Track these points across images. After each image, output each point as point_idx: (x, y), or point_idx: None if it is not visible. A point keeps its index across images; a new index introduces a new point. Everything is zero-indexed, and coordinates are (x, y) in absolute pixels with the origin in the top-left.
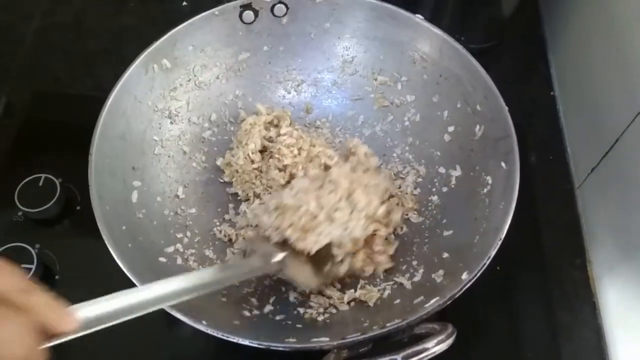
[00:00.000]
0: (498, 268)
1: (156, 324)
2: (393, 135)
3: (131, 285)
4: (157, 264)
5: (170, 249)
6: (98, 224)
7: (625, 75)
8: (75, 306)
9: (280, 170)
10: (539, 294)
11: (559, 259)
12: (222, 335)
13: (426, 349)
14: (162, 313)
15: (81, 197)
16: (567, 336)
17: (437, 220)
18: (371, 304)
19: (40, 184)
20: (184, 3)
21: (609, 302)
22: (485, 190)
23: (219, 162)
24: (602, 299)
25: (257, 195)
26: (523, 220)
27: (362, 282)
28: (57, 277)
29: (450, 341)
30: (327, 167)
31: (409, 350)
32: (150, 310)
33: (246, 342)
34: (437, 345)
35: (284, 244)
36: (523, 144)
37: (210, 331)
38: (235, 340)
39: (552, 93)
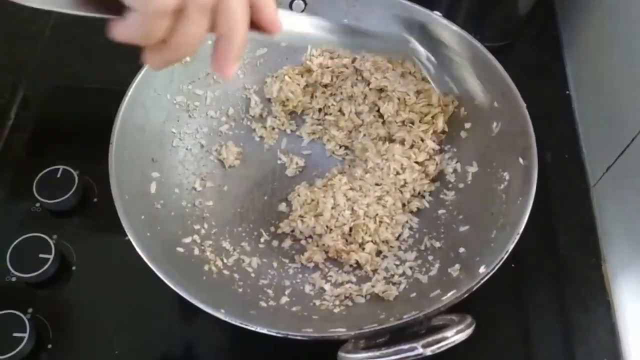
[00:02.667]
0: (512, 266)
1: (171, 315)
2: None
3: (148, 274)
4: (174, 253)
5: (188, 240)
6: (118, 212)
7: None
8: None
9: None
10: (553, 292)
11: (573, 258)
12: (241, 324)
13: (445, 338)
14: (178, 304)
15: (98, 189)
16: (581, 335)
17: (453, 216)
18: (391, 299)
19: (59, 175)
20: None
21: (623, 302)
22: (502, 186)
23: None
24: (616, 298)
25: None
26: (538, 219)
27: (377, 275)
28: (74, 267)
29: (469, 331)
30: None
31: (429, 339)
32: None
33: (264, 331)
34: (456, 335)
35: None
36: (538, 142)
37: (228, 319)
38: (252, 329)
39: (567, 92)
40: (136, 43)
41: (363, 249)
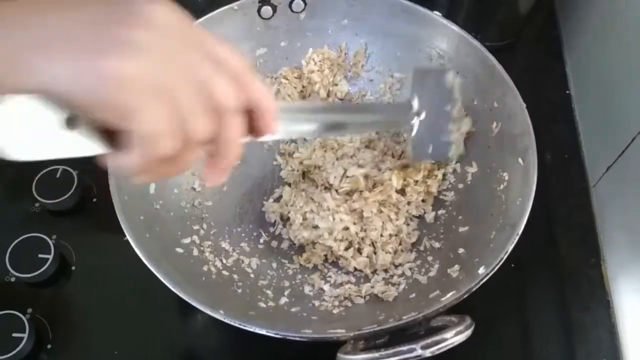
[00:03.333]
0: (512, 266)
1: (170, 315)
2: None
3: (147, 275)
4: (173, 254)
5: (187, 240)
6: (117, 213)
7: None
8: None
9: None
10: (553, 292)
11: (573, 258)
12: (240, 325)
13: (445, 339)
14: (177, 304)
15: (98, 189)
16: (581, 335)
17: (453, 217)
18: (390, 300)
19: (58, 175)
20: None
21: (623, 302)
22: (501, 186)
23: None
24: (616, 298)
25: None
26: (538, 219)
27: (376, 276)
28: (73, 267)
29: (468, 332)
30: None
31: (428, 340)
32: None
33: (263, 332)
34: (455, 336)
35: None
36: (538, 142)
37: (227, 320)
38: (252, 330)
39: (567, 92)
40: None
41: (360, 253)
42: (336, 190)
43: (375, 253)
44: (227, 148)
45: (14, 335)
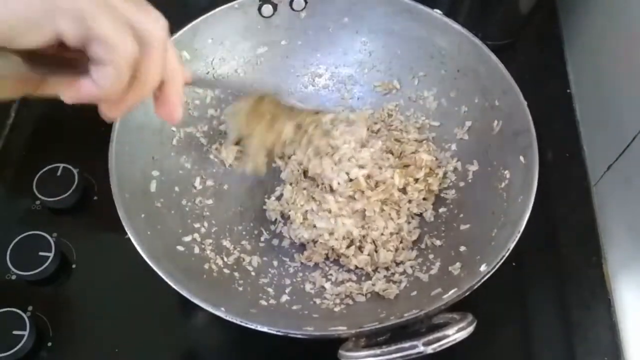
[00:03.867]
0: (513, 264)
1: (171, 313)
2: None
3: (148, 273)
4: (174, 252)
5: (188, 238)
6: (118, 211)
7: None
8: None
9: None
10: (553, 291)
11: (574, 256)
12: (241, 322)
13: (447, 336)
14: (178, 302)
15: (99, 187)
16: (581, 334)
17: (454, 215)
18: (392, 297)
19: (59, 173)
20: None
21: (624, 300)
22: (503, 184)
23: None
24: (617, 297)
25: None
26: (538, 217)
27: (377, 274)
28: (74, 265)
29: (470, 329)
30: None
31: (430, 337)
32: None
33: (264, 329)
34: (457, 333)
35: None
36: (539, 141)
37: (229, 317)
38: (253, 327)
39: (568, 91)
40: (99, 99)
41: (361, 251)
42: (339, 194)
43: (376, 251)
44: (174, 71)
45: (15, 333)
